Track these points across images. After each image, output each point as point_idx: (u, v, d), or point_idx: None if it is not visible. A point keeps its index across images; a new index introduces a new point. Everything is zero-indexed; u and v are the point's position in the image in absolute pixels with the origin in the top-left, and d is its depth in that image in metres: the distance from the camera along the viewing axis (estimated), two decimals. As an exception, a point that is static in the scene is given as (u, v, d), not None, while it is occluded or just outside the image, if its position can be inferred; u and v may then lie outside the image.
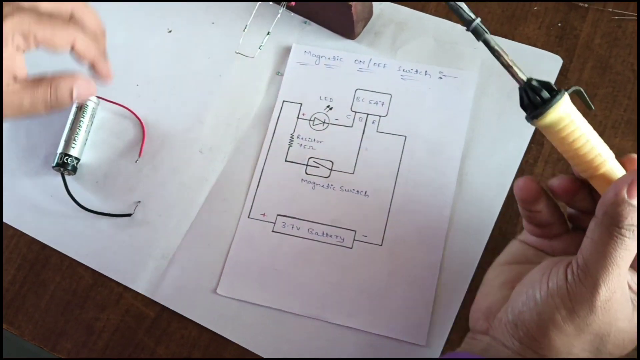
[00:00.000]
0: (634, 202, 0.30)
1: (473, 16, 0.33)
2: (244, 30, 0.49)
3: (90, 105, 0.51)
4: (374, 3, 0.53)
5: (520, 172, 0.47)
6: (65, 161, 0.50)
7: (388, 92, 0.51)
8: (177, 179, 0.50)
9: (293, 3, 0.49)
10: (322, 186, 0.49)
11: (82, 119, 0.51)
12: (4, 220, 0.51)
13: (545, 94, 0.32)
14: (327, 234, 0.47)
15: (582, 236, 0.32)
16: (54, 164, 0.50)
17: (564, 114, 0.32)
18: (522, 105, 0.33)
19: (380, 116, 0.51)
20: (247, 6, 0.54)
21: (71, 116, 0.51)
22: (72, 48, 0.41)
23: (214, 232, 0.48)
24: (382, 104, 0.51)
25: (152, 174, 0.50)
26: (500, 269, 0.39)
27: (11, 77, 0.40)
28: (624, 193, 0.30)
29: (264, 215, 0.48)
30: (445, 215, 0.46)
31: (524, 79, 0.33)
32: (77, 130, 0.51)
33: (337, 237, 0.47)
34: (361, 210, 0.48)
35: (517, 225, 0.45)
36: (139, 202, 0.49)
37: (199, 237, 0.48)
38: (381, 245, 0.46)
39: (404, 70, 0.52)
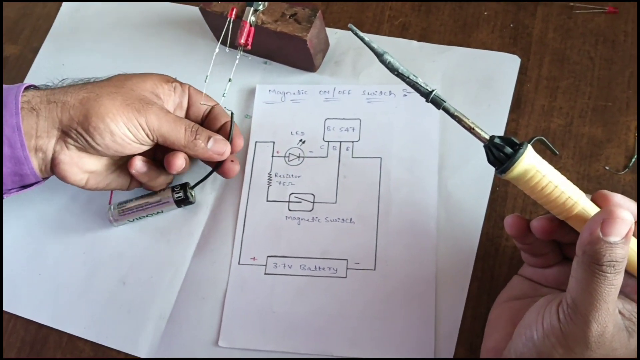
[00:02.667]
0: (610, 239, 0.31)
1: (429, 89, 0.35)
2: (205, 81, 0.49)
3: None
4: (329, 33, 0.53)
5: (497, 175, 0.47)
6: None
7: (357, 117, 0.52)
8: (163, 237, 0.50)
9: (249, 47, 0.50)
10: (307, 220, 0.49)
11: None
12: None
13: (508, 150, 0.33)
14: (319, 268, 0.47)
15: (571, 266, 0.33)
16: None
17: (529, 165, 0.33)
18: (489, 161, 0.35)
19: (353, 142, 0.51)
20: (206, 58, 0.54)
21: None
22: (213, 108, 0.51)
23: (207, 284, 0.48)
24: (353, 130, 0.51)
25: (139, 236, 0.50)
26: (501, 308, 0.40)
27: (172, 109, 0.48)
28: (598, 232, 0.31)
29: (254, 259, 0.48)
30: (432, 229, 0.47)
31: (487, 137, 0.34)
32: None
33: (330, 268, 0.47)
34: (350, 238, 0.48)
35: (503, 229, 0.45)
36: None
37: (193, 291, 0.48)
38: (374, 269, 0.46)
39: (368, 93, 0.52)
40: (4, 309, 0.50)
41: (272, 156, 0.52)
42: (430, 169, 0.49)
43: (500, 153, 0.34)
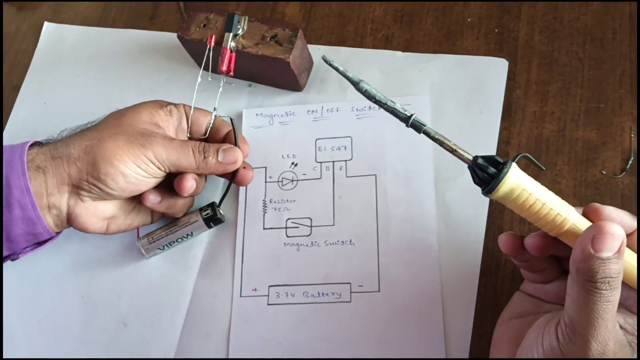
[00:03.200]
0: (602, 254, 0.30)
1: (408, 114, 0.34)
2: (191, 112, 0.48)
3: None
4: (311, 50, 0.52)
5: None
6: None
7: (348, 135, 0.51)
8: (161, 274, 0.49)
9: (231, 73, 0.49)
10: (306, 245, 0.48)
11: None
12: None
13: (492, 170, 0.33)
14: (323, 294, 0.47)
15: None
16: None
17: (514, 184, 0.33)
18: (475, 182, 0.34)
19: (346, 161, 0.50)
20: (189, 84, 0.53)
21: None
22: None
23: (209, 319, 0.47)
24: (345, 148, 0.51)
25: (135, 275, 0.50)
26: (505, 326, 0.40)
27: (174, 132, 0.47)
28: (590, 248, 0.30)
29: (255, 290, 0.48)
30: (434, 243, 0.46)
31: (470, 158, 0.34)
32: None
33: (333, 294, 0.46)
34: (351, 260, 0.47)
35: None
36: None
37: (195, 328, 0.47)
38: (379, 291, 0.46)
39: (357, 109, 0.52)
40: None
41: (266, 182, 0.51)
42: (427, 182, 0.48)
43: (484, 174, 0.33)
